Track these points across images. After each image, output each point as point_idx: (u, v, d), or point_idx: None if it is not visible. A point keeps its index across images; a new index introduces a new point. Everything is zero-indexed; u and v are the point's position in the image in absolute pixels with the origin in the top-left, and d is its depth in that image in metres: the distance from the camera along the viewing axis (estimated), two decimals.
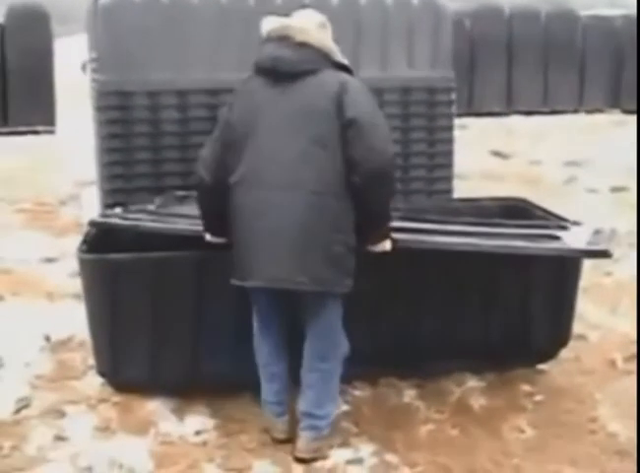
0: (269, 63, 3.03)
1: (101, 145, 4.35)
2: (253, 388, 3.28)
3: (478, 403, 3.53)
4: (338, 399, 3.26)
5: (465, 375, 3.68)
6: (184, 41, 4.31)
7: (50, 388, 3.58)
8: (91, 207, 4.79)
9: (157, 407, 3.41)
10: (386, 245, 3.09)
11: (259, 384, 3.23)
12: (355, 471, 3.05)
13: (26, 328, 4.10)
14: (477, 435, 3.27)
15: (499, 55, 11.18)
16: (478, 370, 3.70)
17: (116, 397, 3.48)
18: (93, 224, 3.67)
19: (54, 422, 3.31)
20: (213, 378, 3.42)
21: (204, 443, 3.21)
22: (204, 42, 4.34)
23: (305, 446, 3.09)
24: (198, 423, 3.32)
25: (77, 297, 4.01)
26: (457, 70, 4.77)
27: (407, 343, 3.53)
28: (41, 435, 3.22)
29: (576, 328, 3.83)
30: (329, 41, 3.12)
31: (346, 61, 3.13)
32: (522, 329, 3.64)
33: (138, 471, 3.01)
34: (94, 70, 4.37)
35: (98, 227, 3.66)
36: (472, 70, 11.04)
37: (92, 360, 3.57)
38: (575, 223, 3.65)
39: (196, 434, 3.26)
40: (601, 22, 11.66)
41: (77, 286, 3.68)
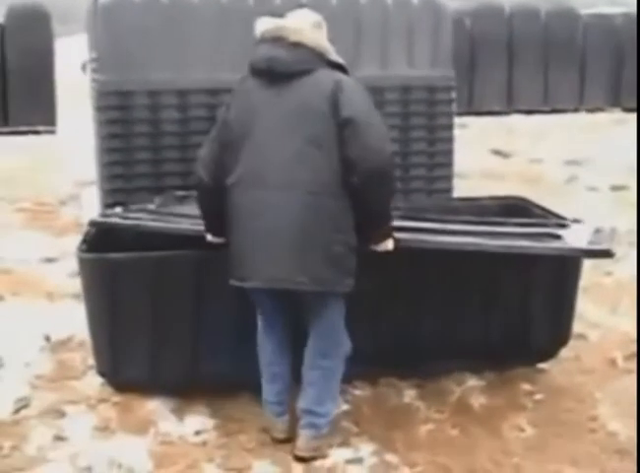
0: (264, 64, 3.02)
1: (101, 145, 4.36)
2: (253, 388, 3.28)
3: (478, 402, 3.53)
4: (338, 398, 3.26)
5: (465, 375, 3.68)
6: (184, 41, 4.31)
7: (50, 388, 3.59)
8: (91, 207, 4.79)
9: (156, 407, 3.41)
10: (388, 245, 3.08)
11: (259, 384, 3.22)
12: (355, 471, 3.05)
13: (26, 328, 4.10)
14: (477, 434, 3.27)
15: (499, 54, 11.16)
16: (477, 369, 3.69)
17: (116, 397, 3.48)
18: (93, 223, 3.67)
19: (54, 422, 3.31)
20: (212, 378, 3.42)
21: (203, 443, 3.21)
22: (204, 42, 4.34)
23: (305, 445, 3.09)
24: (198, 423, 3.32)
25: (77, 297, 4.01)
26: (457, 69, 4.77)
27: (407, 343, 3.53)
28: (41, 435, 3.22)
29: (576, 327, 3.83)
30: (324, 41, 3.10)
31: (341, 60, 3.11)
32: (522, 328, 3.64)
33: (137, 471, 3.01)
34: (94, 70, 4.37)
35: (98, 226, 3.66)
36: (472, 69, 11.02)
37: (91, 360, 3.57)
38: (575, 220, 3.65)
39: (196, 434, 3.26)
40: (601, 20, 11.64)
41: (77, 286, 3.68)
